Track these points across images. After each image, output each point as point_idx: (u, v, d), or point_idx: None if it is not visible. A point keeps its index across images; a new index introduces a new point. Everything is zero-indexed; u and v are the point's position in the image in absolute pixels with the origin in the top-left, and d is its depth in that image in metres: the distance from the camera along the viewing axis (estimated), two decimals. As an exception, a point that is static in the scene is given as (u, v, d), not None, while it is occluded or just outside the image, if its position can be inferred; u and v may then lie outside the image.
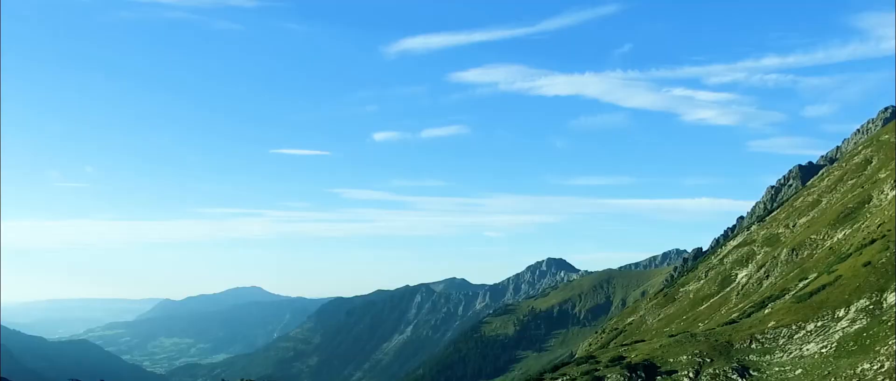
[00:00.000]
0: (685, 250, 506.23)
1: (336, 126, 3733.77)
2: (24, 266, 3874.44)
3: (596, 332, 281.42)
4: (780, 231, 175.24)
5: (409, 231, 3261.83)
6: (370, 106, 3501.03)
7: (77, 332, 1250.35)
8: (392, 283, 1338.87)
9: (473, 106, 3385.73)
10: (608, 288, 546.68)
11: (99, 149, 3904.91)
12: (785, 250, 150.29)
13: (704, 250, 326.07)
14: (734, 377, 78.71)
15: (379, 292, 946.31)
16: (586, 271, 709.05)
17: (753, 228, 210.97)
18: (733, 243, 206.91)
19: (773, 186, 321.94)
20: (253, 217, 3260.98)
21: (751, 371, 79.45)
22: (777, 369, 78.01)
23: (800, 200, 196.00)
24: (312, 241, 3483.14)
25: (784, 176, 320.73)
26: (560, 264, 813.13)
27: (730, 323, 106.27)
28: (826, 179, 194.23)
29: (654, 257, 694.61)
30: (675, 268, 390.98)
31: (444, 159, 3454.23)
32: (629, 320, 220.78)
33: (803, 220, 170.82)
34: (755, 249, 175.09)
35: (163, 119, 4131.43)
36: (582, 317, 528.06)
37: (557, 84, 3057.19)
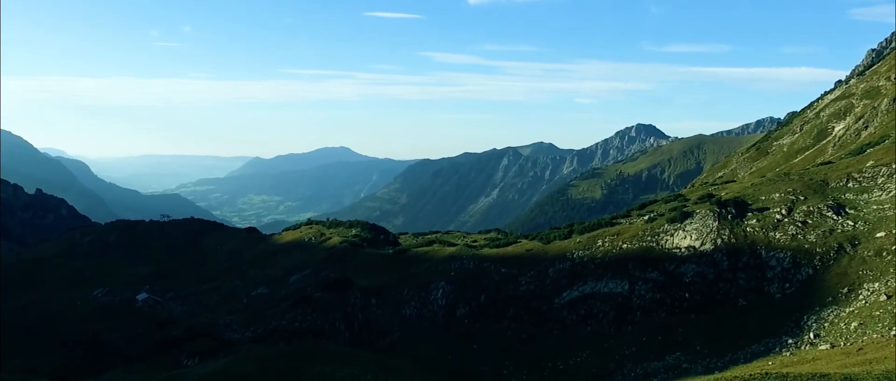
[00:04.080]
0: (779, 119, 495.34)
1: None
2: (120, 122, 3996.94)
3: (685, 188, 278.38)
4: (880, 84, 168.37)
5: (498, 96, 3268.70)
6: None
7: (169, 187, 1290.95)
8: (479, 147, 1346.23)
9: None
10: (698, 153, 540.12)
11: (197, 9, 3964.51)
12: (885, 100, 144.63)
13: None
14: (829, 214, 76.12)
15: (466, 154, 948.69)
16: (676, 137, 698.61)
17: (852, 82, 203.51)
18: (831, 96, 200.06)
19: (873, 49, 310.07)
20: (344, 79, 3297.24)
21: (846, 209, 76.81)
22: (875, 207, 75.07)
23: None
24: (401, 103, 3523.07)
25: (886, 39, 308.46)
26: (650, 131, 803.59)
27: (825, 164, 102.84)
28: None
29: (747, 125, 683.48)
30: (769, 132, 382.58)
31: (537, 24, 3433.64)
32: (720, 174, 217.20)
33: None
34: (854, 102, 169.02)
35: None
36: (671, 182, 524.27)
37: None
